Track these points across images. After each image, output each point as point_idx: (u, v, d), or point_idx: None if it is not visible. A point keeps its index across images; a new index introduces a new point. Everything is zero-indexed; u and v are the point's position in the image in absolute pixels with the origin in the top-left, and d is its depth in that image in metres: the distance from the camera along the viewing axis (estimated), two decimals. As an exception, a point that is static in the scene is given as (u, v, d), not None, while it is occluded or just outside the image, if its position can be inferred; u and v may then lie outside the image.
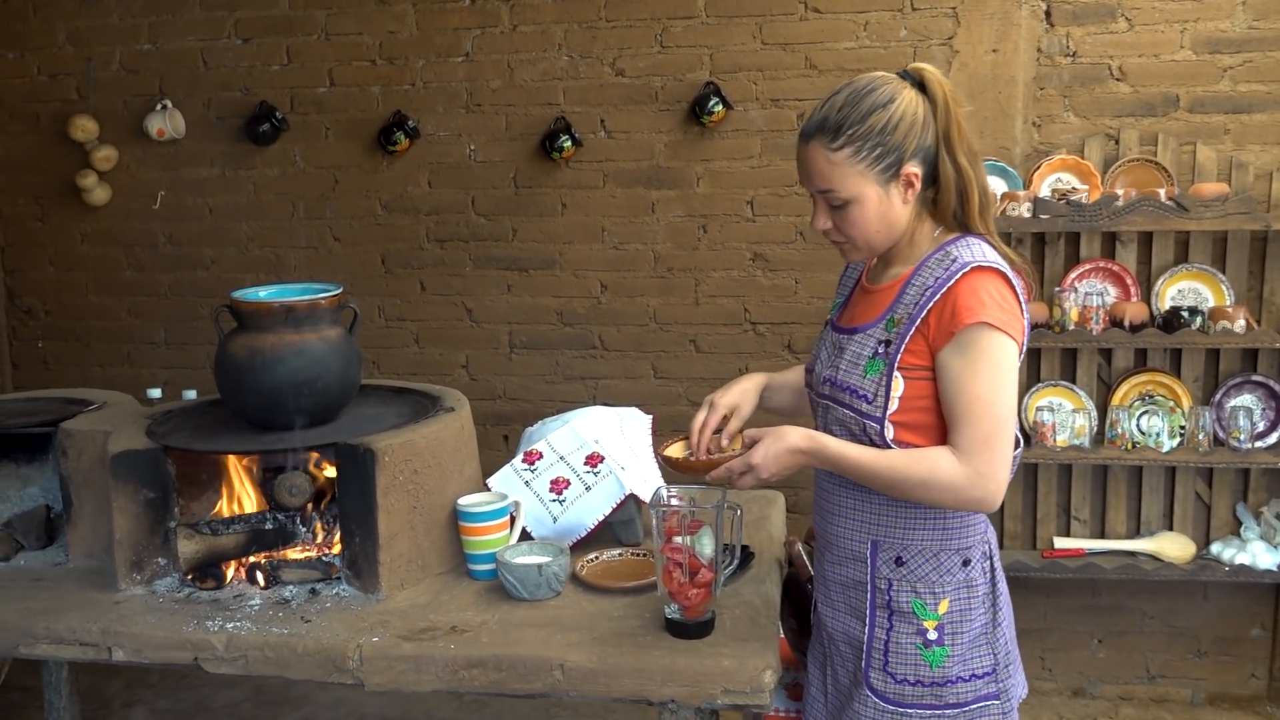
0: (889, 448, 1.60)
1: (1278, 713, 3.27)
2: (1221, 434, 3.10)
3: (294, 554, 2.10)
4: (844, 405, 1.66)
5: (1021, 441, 1.69)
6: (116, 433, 2.12)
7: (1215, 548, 3.14)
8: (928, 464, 1.56)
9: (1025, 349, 1.61)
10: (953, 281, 1.55)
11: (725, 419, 1.80)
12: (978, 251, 1.58)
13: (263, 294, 2.16)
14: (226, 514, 2.13)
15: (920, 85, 1.60)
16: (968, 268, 1.56)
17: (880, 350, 1.62)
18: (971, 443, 1.54)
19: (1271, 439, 3.11)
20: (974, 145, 1.62)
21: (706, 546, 1.78)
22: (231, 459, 2.15)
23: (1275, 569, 3.03)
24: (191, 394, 2.58)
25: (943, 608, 1.65)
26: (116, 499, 2.02)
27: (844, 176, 1.58)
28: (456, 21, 3.42)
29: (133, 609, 1.98)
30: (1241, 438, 3.04)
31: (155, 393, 2.63)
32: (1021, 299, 1.59)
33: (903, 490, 1.59)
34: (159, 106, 3.57)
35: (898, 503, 1.65)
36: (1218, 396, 3.13)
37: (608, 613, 1.94)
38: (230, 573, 2.06)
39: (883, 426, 1.60)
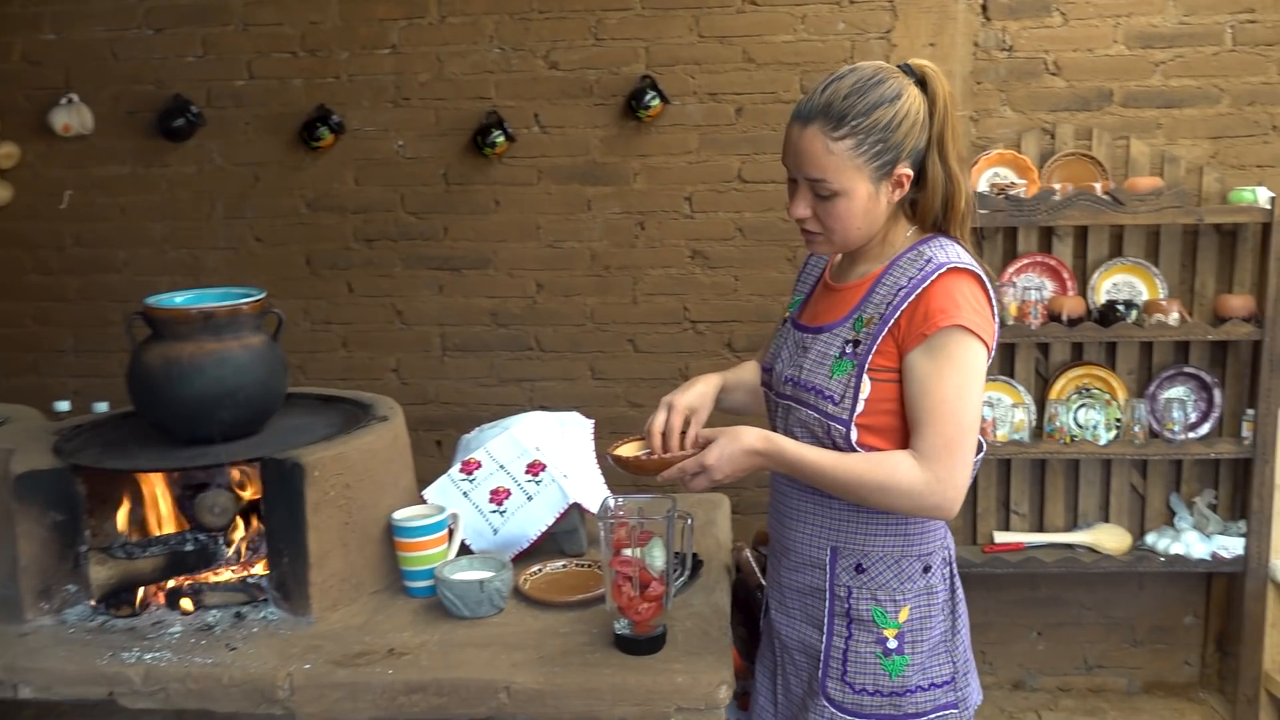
0: (853, 450, 1.55)
1: (1210, 699, 3.33)
2: (1156, 426, 3.13)
3: (216, 576, 1.98)
4: (808, 406, 1.60)
5: (984, 446, 1.65)
6: (20, 451, 1.97)
7: (1150, 538, 3.18)
8: (887, 468, 1.51)
9: (994, 353, 1.57)
10: (928, 282, 1.50)
11: (686, 421, 1.71)
12: (952, 252, 1.54)
13: (179, 300, 2.03)
14: (143, 536, 2.00)
15: (921, 83, 1.54)
16: (944, 268, 1.50)
17: (848, 350, 1.57)
18: (933, 447, 1.49)
19: (1203, 430, 3.15)
20: (964, 151, 1.57)
21: (657, 559, 1.71)
22: (148, 477, 2.01)
23: (1209, 558, 3.08)
24: (103, 406, 2.43)
25: (903, 615, 1.61)
26: (21, 523, 1.88)
27: (839, 168, 1.50)
28: (382, 12, 3.29)
29: (41, 641, 1.84)
30: (1175, 429, 3.07)
31: (63, 405, 2.47)
32: (993, 303, 1.55)
33: (860, 495, 1.54)
34: (65, 100, 3.38)
35: (858, 508, 1.60)
36: (1151, 388, 3.16)
37: (554, 629, 1.86)
38: (147, 597, 1.93)
39: (849, 429, 1.54)
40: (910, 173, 1.54)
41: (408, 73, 3.31)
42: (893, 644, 1.61)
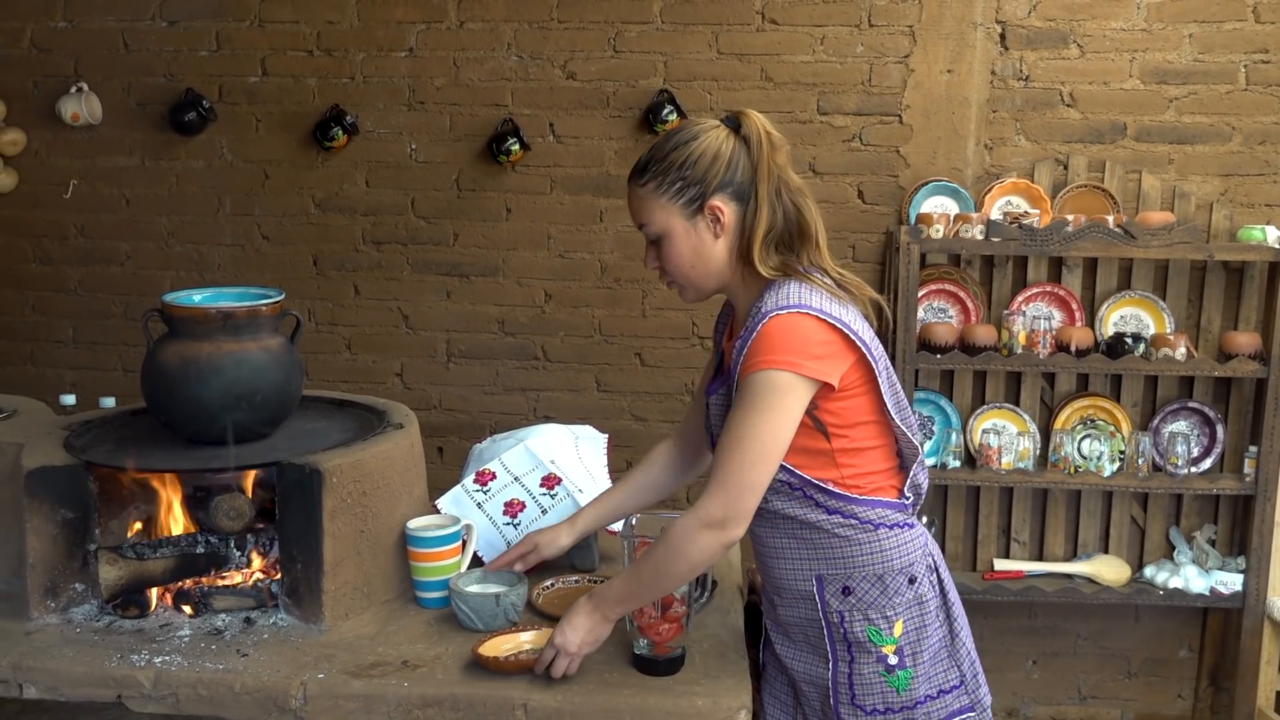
0: (801, 481, 1.61)
1: (1202, 733, 3.34)
2: (1159, 459, 3.14)
3: (226, 580, 1.95)
4: None
5: (921, 452, 1.67)
6: (30, 445, 1.94)
7: (1148, 571, 3.18)
8: (664, 539, 1.59)
9: (882, 365, 1.60)
10: (752, 337, 1.55)
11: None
12: (783, 295, 1.56)
13: (198, 298, 2.01)
14: (154, 536, 1.96)
15: (737, 127, 1.61)
16: (766, 318, 1.54)
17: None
18: (712, 483, 1.56)
19: (1205, 464, 3.16)
20: (793, 181, 1.61)
21: (680, 580, 1.70)
22: (161, 477, 1.97)
23: (1207, 593, 3.09)
24: (110, 402, 2.39)
25: (898, 630, 1.63)
26: (31, 519, 1.84)
27: (650, 210, 1.62)
28: (400, 15, 3.27)
29: (47, 640, 1.80)
30: (1178, 463, 3.08)
31: (69, 399, 2.44)
32: (841, 325, 1.55)
33: (670, 575, 1.60)
34: (74, 89, 3.34)
35: (833, 532, 1.62)
36: (1155, 422, 3.17)
37: (569, 646, 1.83)
38: (155, 600, 1.90)
39: (788, 471, 1.60)
40: (724, 205, 1.59)
41: (424, 76, 3.29)
42: (893, 660, 1.63)
